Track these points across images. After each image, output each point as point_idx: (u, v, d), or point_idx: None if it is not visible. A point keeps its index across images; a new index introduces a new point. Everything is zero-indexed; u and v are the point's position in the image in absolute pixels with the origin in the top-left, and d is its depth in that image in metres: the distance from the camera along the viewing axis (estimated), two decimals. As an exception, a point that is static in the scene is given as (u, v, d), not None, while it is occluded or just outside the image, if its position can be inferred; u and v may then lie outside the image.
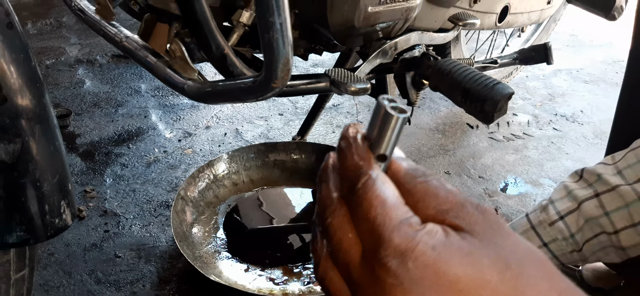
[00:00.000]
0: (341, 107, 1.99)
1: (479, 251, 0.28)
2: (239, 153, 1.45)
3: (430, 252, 0.27)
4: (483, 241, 0.28)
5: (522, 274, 0.28)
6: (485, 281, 0.27)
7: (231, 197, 1.41)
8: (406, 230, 0.28)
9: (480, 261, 0.28)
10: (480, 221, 0.29)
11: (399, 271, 0.27)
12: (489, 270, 0.27)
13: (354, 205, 0.31)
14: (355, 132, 0.32)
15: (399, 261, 0.28)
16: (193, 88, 0.83)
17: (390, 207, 0.29)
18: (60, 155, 0.67)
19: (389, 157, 0.32)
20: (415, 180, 0.31)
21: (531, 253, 0.29)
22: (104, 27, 0.99)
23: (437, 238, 0.28)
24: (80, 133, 1.72)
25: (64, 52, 2.23)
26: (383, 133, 0.31)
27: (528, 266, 0.28)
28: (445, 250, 0.28)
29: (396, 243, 0.28)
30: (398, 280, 0.27)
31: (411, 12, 1.09)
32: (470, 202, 0.30)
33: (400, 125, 0.31)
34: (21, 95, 0.62)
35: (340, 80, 0.96)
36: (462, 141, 1.85)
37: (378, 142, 0.32)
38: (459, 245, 0.28)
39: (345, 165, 0.32)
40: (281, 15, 0.63)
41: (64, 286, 1.19)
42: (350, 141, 0.32)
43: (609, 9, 1.40)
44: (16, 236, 0.64)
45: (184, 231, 1.23)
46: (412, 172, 0.32)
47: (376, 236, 0.29)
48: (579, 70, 2.47)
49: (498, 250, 0.28)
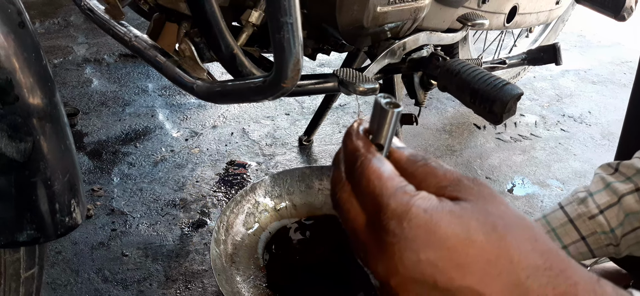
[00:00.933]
0: (348, 106, 1.98)
1: (469, 215, 0.32)
2: (282, 177, 1.37)
3: (422, 214, 0.31)
4: (474, 208, 0.32)
5: (507, 236, 0.31)
6: (472, 240, 0.31)
7: (273, 223, 1.32)
8: (401, 196, 0.33)
9: (469, 223, 0.31)
10: (474, 191, 0.33)
11: (396, 231, 0.32)
12: (476, 231, 0.31)
13: (355, 182, 0.35)
14: (358, 125, 0.38)
15: (396, 222, 0.32)
16: (202, 88, 0.83)
17: (386, 179, 0.34)
18: (70, 154, 0.67)
19: (388, 145, 0.37)
20: (416, 164, 0.36)
21: (518, 219, 0.33)
22: (113, 27, 0.99)
23: (429, 203, 0.32)
24: (87, 132, 1.72)
25: (71, 51, 2.24)
26: (381, 126, 0.36)
27: (513, 230, 0.32)
28: (437, 212, 0.32)
29: (393, 207, 0.32)
30: (396, 238, 0.32)
31: (420, 12, 1.09)
32: (467, 177, 0.34)
33: (395, 118, 0.36)
34: (33, 94, 0.62)
35: (349, 80, 0.96)
36: (469, 141, 1.84)
37: (377, 134, 0.37)
38: (451, 208, 0.32)
39: (346, 149, 0.37)
40: (292, 15, 0.63)
41: (71, 285, 1.19)
42: (351, 131, 0.37)
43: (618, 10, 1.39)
44: (27, 234, 0.64)
45: (223, 263, 1.15)
46: (413, 158, 0.36)
47: (376, 204, 0.33)
48: (587, 71, 2.46)
49: (487, 215, 0.32)
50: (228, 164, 1.62)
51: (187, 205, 1.44)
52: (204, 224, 1.38)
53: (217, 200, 1.47)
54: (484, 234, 0.31)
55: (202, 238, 1.34)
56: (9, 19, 0.61)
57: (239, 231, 1.26)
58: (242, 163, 1.63)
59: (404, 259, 0.31)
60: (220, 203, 1.46)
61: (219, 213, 1.41)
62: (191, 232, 1.36)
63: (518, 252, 0.31)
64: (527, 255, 0.31)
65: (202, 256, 1.29)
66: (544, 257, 0.32)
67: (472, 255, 0.31)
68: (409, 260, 0.31)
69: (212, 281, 1.22)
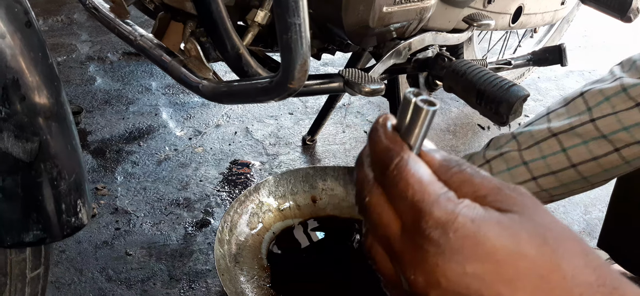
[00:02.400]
0: (352, 106, 1.98)
1: (518, 226, 0.30)
2: (285, 177, 1.36)
3: (469, 224, 0.29)
4: (521, 218, 0.30)
5: (559, 249, 0.30)
6: (522, 254, 0.29)
7: (276, 224, 1.32)
8: (446, 204, 0.30)
9: (519, 234, 0.29)
10: (518, 201, 0.31)
11: (441, 241, 0.29)
12: (527, 244, 0.29)
13: (388, 185, 0.32)
14: (386, 120, 0.34)
15: (440, 231, 0.29)
16: (208, 88, 0.83)
17: (427, 184, 0.31)
18: (76, 153, 0.67)
19: (418, 148, 0.33)
20: (450, 171, 0.33)
21: (567, 232, 0.31)
22: (118, 25, 0.99)
23: (476, 212, 0.30)
24: (91, 130, 1.72)
25: (75, 49, 2.24)
26: (413, 125, 0.33)
27: (564, 243, 0.30)
28: (484, 223, 0.29)
29: (437, 216, 0.30)
30: (440, 249, 0.29)
31: (425, 13, 1.08)
32: (506, 185, 0.32)
33: (430, 118, 0.32)
34: (39, 94, 0.62)
35: (354, 80, 0.95)
36: (474, 142, 1.84)
37: (408, 134, 0.33)
38: (498, 219, 0.30)
39: (376, 149, 0.33)
40: (300, 16, 0.63)
41: (75, 284, 1.19)
42: (380, 128, 0.34)
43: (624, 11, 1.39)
44: (33, 235, 0.64)
45: (227, 263, 1.15)
46: (446, 163, 0.33)
47: (416, 210, 0.31)
48: (591, 72, 2.45)
49: (536, 226, 0.30)
50: (232, 163, 1.62)
51: (191, 204, 1.44)
52: (208, 223, 1.38)
53: (221, 199, 1.47)
54: (535, 247, 0.29)
55: (206, 238, 1.34)
56: (16, 18, 0.61)
57: (242, 231, 1.26)
58: (246, 163, 1.63)
59: (448, 271, 0.29)
60: (224, 203, 1.46)
61: (223, 212, 1.41)
62: (195, 232, 1.35)
63: (571, 267, 0.29)
64: (580, 270, 0.30)
65: (205, 256, 1.28)
66: (597, 273, 0.30)
67: (522, 269, 0.29)
68: (454, 272, 0.29)
69: (216, 281, 1.22)
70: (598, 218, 1.49)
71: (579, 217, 1.51)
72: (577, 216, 1.51)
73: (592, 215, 1.52)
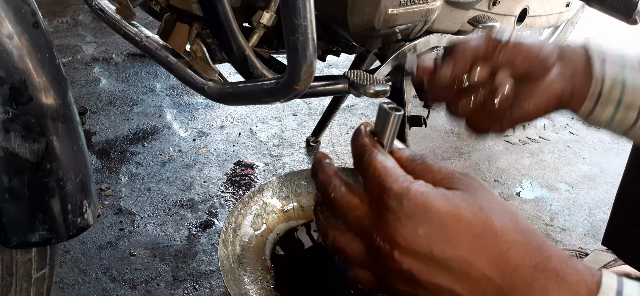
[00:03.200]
0: (355, 108, 1.98)
1: (459, 198, 0.38)
2: (289, 178, 1.36)
3: (420, 195, 0.37)
4: (464, 193, 0.38)
5: (492, 216, 0.37)
6: (461, 217, 0.37)
7: (280, 225, 1.32)
8: (403, 181, 0.39)
9: (459, 203, 0.37)
10: (465, 182, 0.40)
11: (397, 209, 0.37)
12: (465, 210, 0.37)
13: (363, 170, 0.41)
14: (365, 126, 0.44)
15: (397, 202, 0.37)
16: (214, 89, 0.83)
17: (390, 168, 0.40)
18: (83, 154, 0.67)
19: (390, 145, 0.43)
20: (414, 162, 0.42)
21: (502, 205, 0.39)
22: (124, 27, 0.99)
23: (426, 187, 0.38)
24: (95, 131, 1.72)
25: (80, 50, 2.24)
26: (384, 128, 0.42)
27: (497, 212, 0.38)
28: (432, 194, 0.38)
29: (395, 190, 0.38)
30: (397, 215, 0.37)
31: (431, 14, 1.08)
32: (459, 172, 0.41)
33: (397, 121, 0.42)
34: (46, 95, 0.62)
35: (359, 82, 0.95)
36: (478, 144, 1.84)
37: (381, 134, 0.43)
38: (444, 193, 0.38)
39: (355, 146, 0.43)
40: (307, 18, 0.63)
41: (79, 284, 1.19)
42: (359, 131, 0.44)
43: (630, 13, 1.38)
44: (39, 235, 0.64)
45: (231, 264, 1.15)
46: (412, 157, 0.43)
47: (380, 188, 0.39)
48: (596, 74, 2.45)
49: (475, 199, 0.38)
50: (235, 164, 1.62)
51: (195, 205, 1.44)
52: (212, 224, 1.38)
53: (225, 200, 1.47)
54: (471, 213, 0.37)
55: (210, 239, 1.34)
56: (23, 19, 0.61)
57: (246, 233, 1.26)
58: (250, 164, 1.63)
59: (404, 233, 0.37)
60: (227, 204, 1.46)
61: (227, 213, 1.41)
62: (199, 232, 1.35)
63: (501, 229, 0.37)
64: (508, 231, 0.37)
65: (209, 257, 1.28)
66: (524, 235, 0.37)
67: (461, 229, 0.37)
68: (409, 233, 0.37)
69: (219, 282, 1.22)
70: (602, 220, 1.48)
71: (583, 219, 1.51)
72: (582, 218, 1.51)
73: (597, 216, 1.51)
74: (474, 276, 0.36)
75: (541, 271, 0.36)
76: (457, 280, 0.37)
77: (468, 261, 0.36)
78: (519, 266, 0.36)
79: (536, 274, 0.36)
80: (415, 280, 0.38)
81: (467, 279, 0.37)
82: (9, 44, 0.59)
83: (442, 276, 0.37)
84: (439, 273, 0.37)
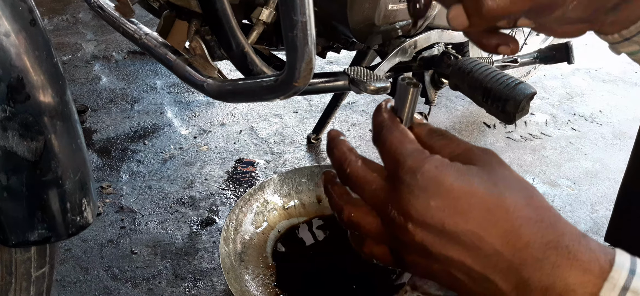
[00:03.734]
0: (356, 104, 1.98)
1: (474, 173, 0.38)
2: (290, 176, 1.36)
3: (433, 169, 0.38)
4: (480, 169, 0.38)
5: (505, 192, 0.37)
6: (474, 192, 0.37)
7: (282, 222, 1.32)
8: (417, 155, 0.39)
9: (472, 178, 0.37)
10: (482, 158, 0.40)
11: (410, 182, 0.38)
12: (479, 185, 0.37)
13: (380, 145, 0.42)
14: (385, 103, 0.44)
15: (410, 175, 0.38)
16: (213, 87, 0.83)
17: (407, 143, 0.40)
18: (81, 152, 0.67)
19: (409, 119, 0.43)
20: (434, 137, 0.43)
21: (518, 182, 0.39)
22: (123, 24, 0.98)
23: (441, 161, 0.38)
24: (96, 129, 1.72)
25: (80, 48, 2.24)
26: (403, 103, 0.43)
27: (511, 188, 0.38)
28: (446, 168, 0.38)
29: (409, 164, 0.38)
30: (410, 188, 0.38)
31: (431, 10, 1.07)
32: (478, 147, 0.41)
33: (415, 95, 0.42)
34: (44, 93, 0.62)
35: (360, 78, 0.95)
36: (479, 140, 1.83)
37: (400, 110, 0.43)
38: (458, 167, 0.38)
39: (375, 122, 0.43)
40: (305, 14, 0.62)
41: (80, 282, 1.19)
42: (380, 108, 0.44)
43: None
44: (38, 234, 0.64)
45: (233, 262, 1.15)
46: (431, 131, 0.43)
47: (396, 161, 0.39)
48: (598, 70, 2.44)
49: (490, 175, 0.38)
50: (236, 162, 1.62)
51: (196, 203, 1.44)
52: (213, 222, 1.38)
53: (226, 198, 1.47)
54: (484, 188, 0.37)
55: (211, 236, 1.34)
56: (20, 16, 0.61)
57: (248, 230, 1.25)
58: (251, 161, 1.63)
59: (417, 205, 0.37)
60: (228, 201, 1.46)
61: (228, 211, 1.41)
62: (200, 230, 1.35)
63: (513, 205, 0.37)
64: (521, 207, 0.37)
65: (211, 255, 1.28)
66: (537, 212, 0.37)
67: (473, 204, 0.37)
68: (421, 205, 0.37)
69: (221, 280, 1.22)
70: (605, 217, 1.48)
71: (585, 215, 1.50)
72: (584, 214, 1.50)
73: (599, 213, 1.51)
74: (485, 251, 0.37)
75: (553, 248, 0.36)
76: (468, 254, 0.37)
77: (479, 236, 0.37)
78: (530, 243, 0.36)
79: (547, 251, 0.36)
80: (428, 252, 0.38)
81: (477, 253, 0.37)
82: (5, 42, 0.58)
83: (453, 249, 0.37)
84: (450, 246, 0.37)
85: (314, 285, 1.19)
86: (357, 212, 0.42)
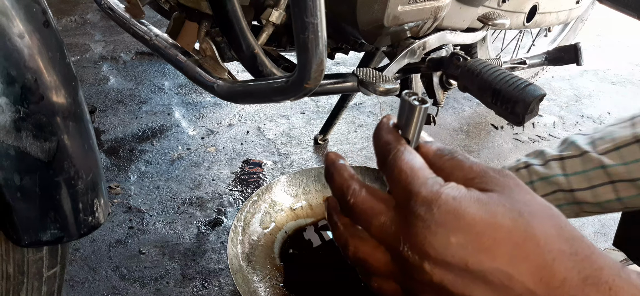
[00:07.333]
0: (363, 106, 1.98)
1: (496, 202, 0.34)
2: (298, 177, 1.37)
3: (451, 201, 0.33)
4: (501, 196, 0.34)
5: (533, 221, 0.33)
6: (499, 225, 0.33)
7: (289, 223, 1.32)
8: (432, 185, 0.34)
9: (496, 209, 0.33)
10: (500, 182, 0.35)
11: (426, 216, 0.33)
12: (503, 217, 0.33)
13: (388, 172, 0.37)
14: (387, 120, 0.40)
15: (426, 208, 0.34)
16: (223, 88, 0.83)
17: (418, 169, 0.36)
18: (93, 153, 0.67)
19: (416, 140, 0.39)
20: (443, 158, 0.38)
21: (544, 208, 0.34)
22: (133, 25, 0.99)
23: (458, 191, 0.34)
24: (104, 129, 1.73)
25: (88, 49, 2.25)
26: (409, 122, 0.38)
27: (539, 216, 0.33)
28: (465, 200, 0.33)
29: (424, 195, 0.34)
30: (426, 223, 0.33)
31: (440, 12, 1.07)
32: (493, 169, 0.36)
33: (423, 114, 0.38)
34: (57, 93, 0.62)
35: (369, 80, 0.95)
36: (487, 142, 1.82)
37: (406, 129, 0.38)
38: (478, 197, 0.34)
39: (378, 143, 0.39)
40: (317, 16, 0.62)
41: (89, 282, 1.20)
42: (382, 126, 0.39)
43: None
44: (50, 234, 0.64)
45: (240, 263, 1.15)
46: (440, 152, 0.38)
47: (407, 192, 0.35)
48: (606, 71, 2.43)
49: (513, 202, 0.34)
50: (244, 163, 1.62)
51: (204, 203, 1.44)
52: (221, 223, 1.38)
53: (233, 198, 1.47)
54: (510, 219, 0.33)
55: (219, 237, 1.34)
56: (34, 18, 0.61)
57: (255, 231, 1.26)
58: (258, 162, 1.63)
59: (434, 243, 0.33)
60: (236, 202, 1.46)
61: (235, 211, 1.41)
62: (208, 231, 1.36)
63: (544, 237, 0.33)
64: (553, 239, 0.33)
65: (218, 255, 1.29)
66: (569, 243, 0.33)
67: (499, 238, 0.33)
68: (440, 243, 0.33)
69: (228, 280, 1.22)
70: (613, 219, 1.47)
71: (593, 217, 1.49)
72: (592, 217, 1.50)
73: (607, 216, 1.50)
74: (515, 291, 0.33)
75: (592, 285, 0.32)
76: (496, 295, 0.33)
77: (508, 274, 0.32)
78: (567, 280, 0.32)
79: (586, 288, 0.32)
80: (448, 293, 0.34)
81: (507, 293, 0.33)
82: (19, 43, 0.59)
83: (479, 290, 0.33)
84: (475, 287, 0.33)
85: (322, 286, 1.19)
86: (364, 246, 0.38)
